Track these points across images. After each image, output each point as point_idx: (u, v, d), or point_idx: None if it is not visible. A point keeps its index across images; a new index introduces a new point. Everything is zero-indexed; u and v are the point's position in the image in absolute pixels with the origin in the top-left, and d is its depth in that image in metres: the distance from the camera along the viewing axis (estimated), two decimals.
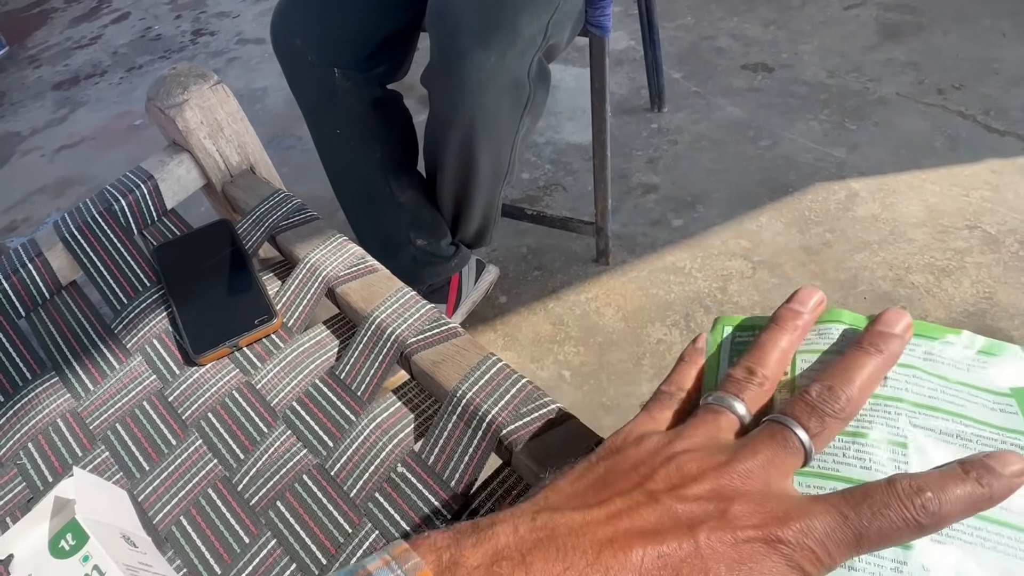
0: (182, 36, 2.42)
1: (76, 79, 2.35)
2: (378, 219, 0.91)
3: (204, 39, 2.35)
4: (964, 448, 0.22)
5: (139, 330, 0.47)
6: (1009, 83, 1.25)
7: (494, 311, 1.06)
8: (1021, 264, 0.94)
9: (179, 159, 0.56)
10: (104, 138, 1.92)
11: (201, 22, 2.50)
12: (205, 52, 2.25)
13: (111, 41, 2.59)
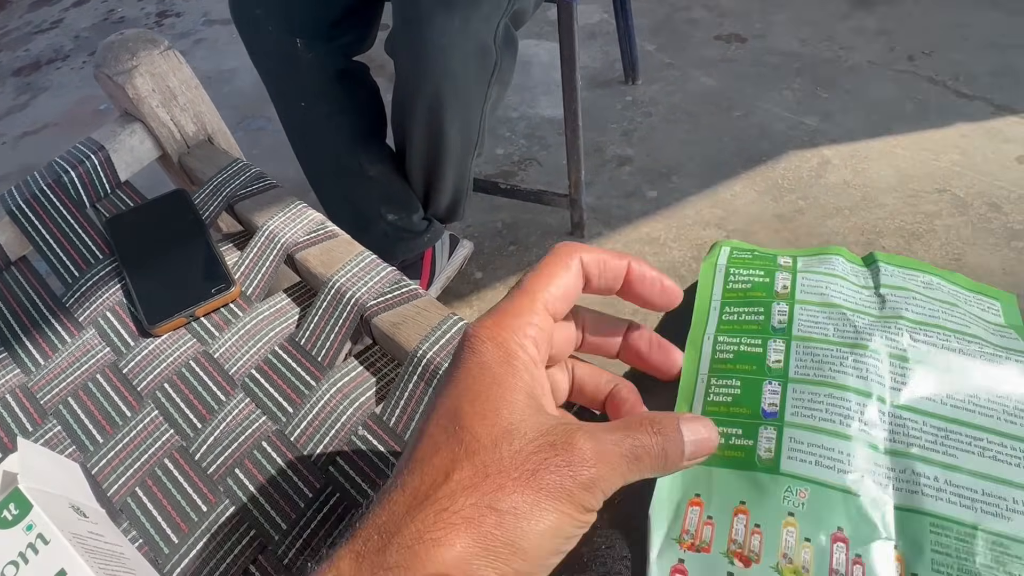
0: (146, 18, 2.35)
1: (37, 64, 2.27)
2: (347, 194, 0.90)
3: (169, 20, 2.29)
4: (966, 357, 0.22)
5: (91, 303, 0.45)
6: (978, 48, 1.26)
7: (469, 287, 1.05)
8: (989, 226, 0.95)
9: (131, 129, 0.54)
10: (68, 124, 1.87)
11: (166, 3, 2.43)
12: (171, 33, 2.19)
13: (72, 25, 2.50)
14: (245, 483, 0.35)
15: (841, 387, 0.22)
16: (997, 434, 0.21)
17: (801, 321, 0.24)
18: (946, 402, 0.22)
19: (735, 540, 0.20)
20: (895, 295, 0.25)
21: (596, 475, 0.19)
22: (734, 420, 0.22)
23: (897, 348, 0.23)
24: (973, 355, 0.22)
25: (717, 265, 0.27)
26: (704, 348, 0.25)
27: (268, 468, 0.36)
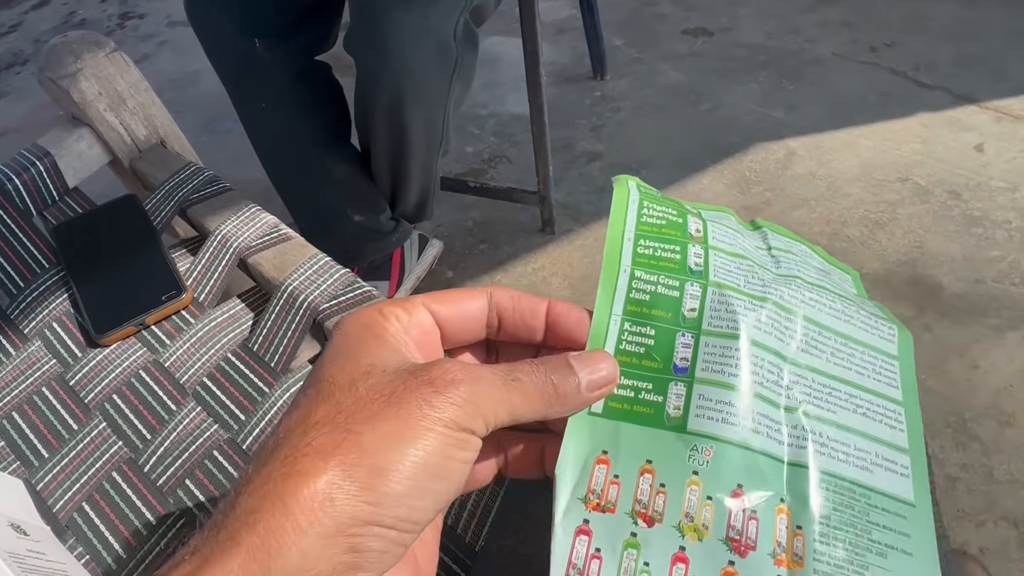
0: (108, 20, 2.30)
1: None
2: (312, 196, 0.88)
3: (132, 22, 2.24)
4: (848, 323, 0.24)
5: (37, 314, 0.44)
6: (937, 39, 1.28)
7: (440, 286, 1.04)
8: (949, 213, 0.97)
9: (79, 134, 0.53)
10: (29, 129, 1.82)
11: (128, 5, 2.37)
12: (134, 36, 2.14)
13: (32, 28, 2.44)
14: (196, 494, 0.35)
15: (751, 343, 0.22)
16: (867, 391, 0.22)
17: (716, 266, 0.24)
18: (832, 359, 0.23)
19: (640, 500, 0.20)
20: (786, 257, 0.26)
21: (465, 392, 0.18)
22: (645, 374, 0.22)
23: (798, 305, 0.23)
24: (853, 317, 0.24)
25: (630, 194, 0.26)
26: (620, 282, 0.24)
27: (220, 478, 0.35)
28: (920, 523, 0.20)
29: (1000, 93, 1.13)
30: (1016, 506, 0.67)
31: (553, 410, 0.20)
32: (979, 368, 0.78)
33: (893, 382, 0.23)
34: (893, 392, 0.23)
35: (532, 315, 0.23)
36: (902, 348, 0.24)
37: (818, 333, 0.23)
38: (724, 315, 0.22)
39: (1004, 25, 1.27)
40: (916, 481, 0.21)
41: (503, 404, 0.19)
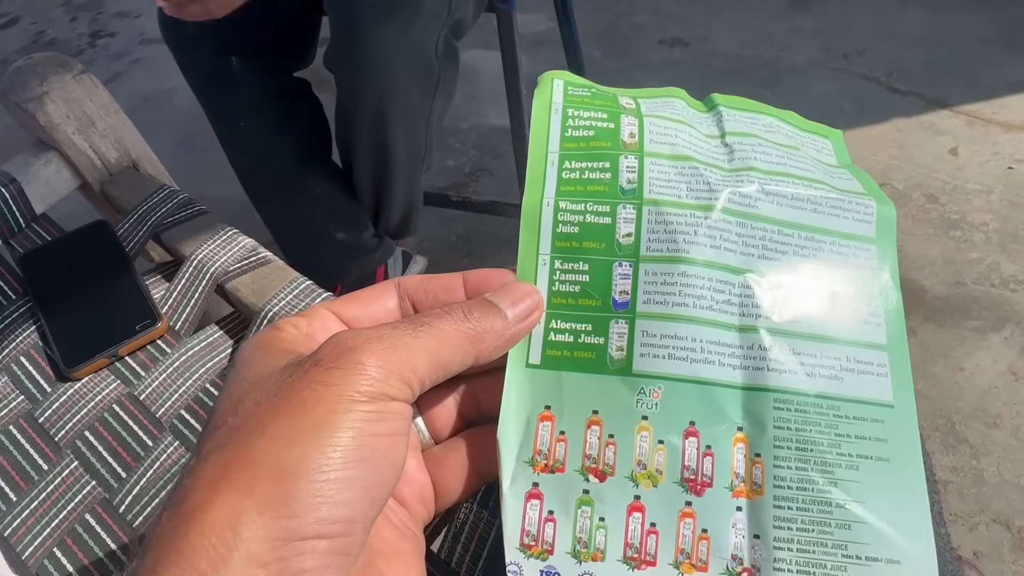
0: (79, 39, 2.26)
1: None
2: (294, 215, 0.87)
3: (104, 41, 2.21)
4: (815, 213, 0.21)
5: (3, 347, 0.42)
6: (908, 45, 1.31)
7: None
8: (927, 216, 0.98)
9: (46, 158, 0.51)
10: None
11: (99, 23, 2.34)
12: (106, 55, 2.11)
13: (0, 48, 2.40)
14: None
15: (693, 262, 0.20)
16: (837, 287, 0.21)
17: (652, 179, 0.21)
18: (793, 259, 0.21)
19: (589, 455, 0.19)
20: (742, 143, 0.23)
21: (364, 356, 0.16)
22: (583, 314, 0.20)
23: (748, 205, 0.21)
24: (820, 205, 0.22)
25: (552, 104, 0.23)
26: (544, 218, 0.21)
27: None
28: (900, 425, 0.19)
29: (971, 98, 1.16)
30: (1007, 508, 0.67)
31: (483, 350, 0.18)
32: (964, 370, 0.79)
33: (870, 270, 0.21)
34: (868, 282, 0.21)
35: (447, 291, 0.21)
36: (881, 227, 0.22)
37: (777, 232, 0.21)
38: (663, 236, 0.21)
39: (971, 31, 1.30)
40: (895, 379, 0.20)
41: (420, 354, 0.17)
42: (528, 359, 0.20)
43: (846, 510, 0.18)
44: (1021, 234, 0.92)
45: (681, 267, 0.20)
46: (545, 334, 0.20)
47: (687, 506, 0.19)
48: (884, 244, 0.21)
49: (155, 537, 0.14)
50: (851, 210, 0.22)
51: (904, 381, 0.20)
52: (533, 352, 0.20)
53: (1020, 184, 0.99)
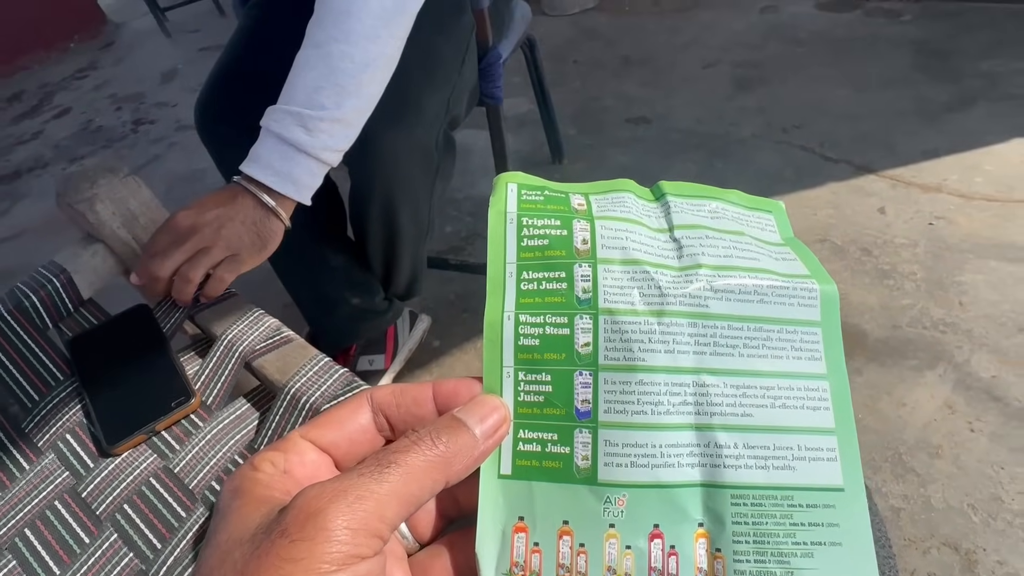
0: (123, 126, 2.30)
1: (18, 173, 2.18)
2: (314, 283, 0.87)
3: (144, 127, 2.25)
4: (762, 303, 0.20)
5: (51, 426, 0.41)
6: (837, 119, 1.35)
7: (429, 355, 1.02)
8: (863, 268, 1.00)
9: (93, 250, 0.51)
10: (45, 229, 1.78)
11: (141, 112, 2.39)
12: (146, 140, 2.15)
13: (53, 135, 2.43)
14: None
15: (651, 369, 0.19)
16: (785, 376, 0.20)
17: (606, 288, 0.20)
18: (744, 352, 0.20)
19: (563, 564, 0.18)
20: (689, 237, 0.22)
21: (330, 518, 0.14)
22: (549, 423, 0.19)
23: (699, 305, 0.20)
24: (765, 293, 0.20)
25: (507, 214, 0.21)
26: (505, 331, 0.20)
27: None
28: (850, 507, 0.18)
29: (892, 163, 1.19)
30: (954, 532, 0.66)
31: (453, 473, 0.17)
32: (906, 405, 0.79)
33: (816, 354, 0.20)
34: (816, 367, 0.20)
35: (418, 405, 0.19)
36: (825, 308, 0.20)
37: (727, 327, 0.20)
38: (619, 345, 0.20)
39: (890, 106, 1.35)
40: (844, 462, 0.19)
41: (388, 499, 0.15)
42: (500, 470, 0.19)
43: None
44: (945, 282, 0.94)
45: (638, 375, 0.19)
46: (514, 444, 0.19)
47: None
48: (829, 325, 0.20)
49: None
50: (796, 296, 0.21)
51: (853, 462, 0.19)
52: (504, 463, 0.19)
53: (940, 238, 1.01)
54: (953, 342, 0.85)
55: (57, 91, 2.95)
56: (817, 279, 0.21)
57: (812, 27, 1.76)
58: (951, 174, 1.13)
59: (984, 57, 1.44)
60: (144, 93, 2.58)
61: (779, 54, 1.66)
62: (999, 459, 0.71)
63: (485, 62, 0.82)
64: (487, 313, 0.20)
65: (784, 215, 0.25)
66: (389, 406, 0.19)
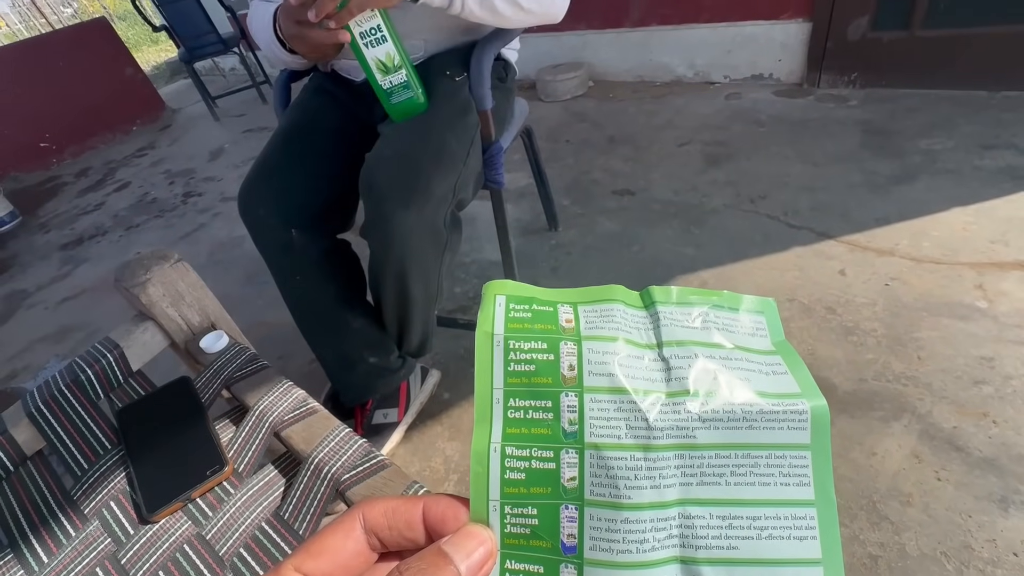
0: (174, 198, 2.37)
1: (80, 240, 2.23)
2: (335, 343, 0.87)
3: (193, 199, 2.31)
4: (750, 430, 0.18)
5: (97, 494, 0.41)
6: (797, 191, 1.39)
7: (439, 407, 1.01)
8: (829, 325, 0.99)
9: (144, 327, 0.52)
10: (102, 289, 1.80)
11: (191, 186, 2.46)
12: (194, 210, 2.20)
13: (113, 206, 2.50)
14: None
15: (637, 507, 0.18)
16: (772, 504, 0.18)
17: (592, 420, 0.18)
18: (730, 480, 0.18)
19: None
20: (678, 356, 0.20)
21: None
22: (535, 555, 0.18)
23: (686, 436, 0.18)
24: (755, 420, 0.18)
25: (494, 336, 0.19)
26: (492, 464, 0.19)
27: None
28: None
29: (848, 230, 1.21)
30: None
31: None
32: (876, 455, 0.77)
33: (804, 479, 0.18)
34: (804, 493, 0.18)
35: (409, 527, 0.18)
36: (815, 430, 0.18)
37: (714, 457, 0.18)
38: (605, 481, 0.18)
39: (843, 179, 1.39)
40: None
41: None
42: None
43: None
44: (904, 338, 0.94)
45: (624, 514, 0.18)
46: (501, 574, 0.18)
47: None
48: (818, 447, 0.18)
49: None
50: (786, 420, 0.18)
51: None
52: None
53: (896, 298, 1.02)
54: (915, 394, 0.84)
55: (119, 167, 3.06)
56: (807, 397, 0.19)
57: (771, 111, 1.83)
58: (902, 239, 1.14)
59: (922, 136, 1.48)
60: (194, 169, 2.67)
61: (743, 134, 1.72)
62: (966, 507, 0.68)
63: (489, 153, 0.85)
64: (474, 443, 0.19)
65: (775, 313, 0.22)
66: (381, 528, 0.18)
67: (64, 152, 3.47)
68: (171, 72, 5.54)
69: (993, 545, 0.65)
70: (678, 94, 2.14)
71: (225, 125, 3.28)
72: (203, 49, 3.07)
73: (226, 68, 4.68)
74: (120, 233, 2.19)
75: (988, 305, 0.95)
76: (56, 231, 2.41)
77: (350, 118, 0.89)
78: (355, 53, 0.70)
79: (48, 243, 2.30)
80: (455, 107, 0.78)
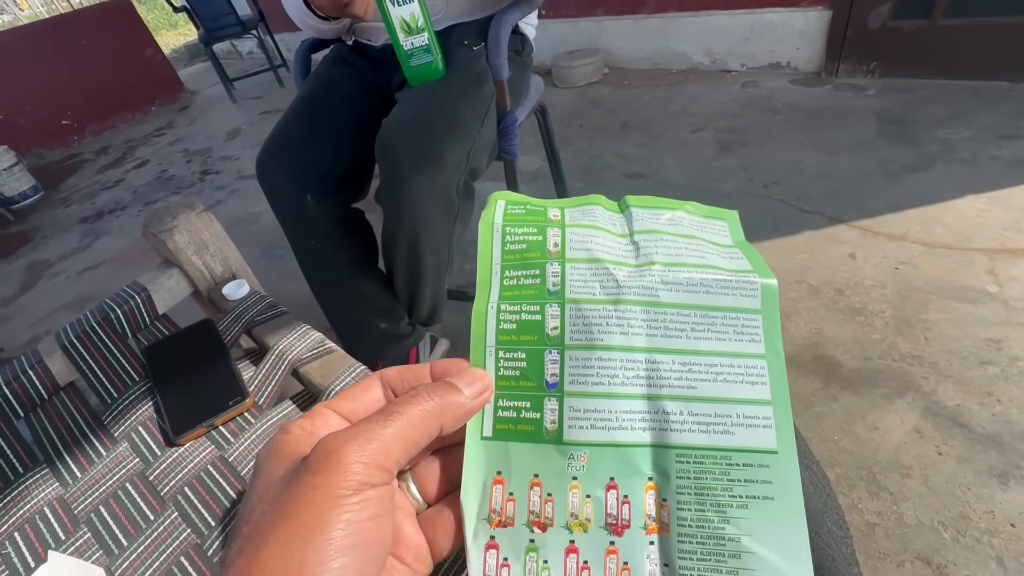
0: (192, 176, 2.41)
1: (100, 214, 2.28)
2: (347, 309, 0.89)
3: (210, 177, 2.35)
4: (708, 294, 0.21)
5: (126, 420, 0.43)
6: (810, 178, 1.38)
7: None
8: (837, 306, 1.00)
9: (170, 273, 0.55)
10: (122, 260, 1.84)
11: (208, 164, 2.50)
12: (211, 187, 2.24)
13: (132, 183, 2.54)
14: None
15: (608, 347, 0.20)
16: (727, 355, 0.20)
17: (572, 282, 0.21)
18: (691, 335, 0.20)
19: (533, 511, 0.19)
20: (646, 240, 0.23)
21: (344, 455, 0.16)
22: (523, 394, 0.20)
23: (651, 295, 0.21)
24: (712, 287, 0.21)
25: (494, 224, 0.23)
26: (489, 318, 0.21)
27: None
28: (783, 468, 0.19)
29: (860, 215, 1.21)
30: (925, 547, 0.64)
31: (445, 422, 0.18)
32: (879, 429, 0.77)
33: (755, 337, 0.20)
34: (755, 348, 0.20)
35: (419, 380, 0.21)
36: (765, 298, 0.21)
37: (676, 314, 0.21)
38: (582, 328, 0.21)
39: (856, 167, 1.38)
40: (779, 428, 0.19)
41: (393, 441, 0.17)
42: (482, 432, 0.20)
43: (737, 543, 0.18)
44: (912, 319, 0.94)
45: (597, 353, 0.20)
46: (495, 411, 0.21)
47: (611, 545, 0.19)
48: (768, 313, 0.21)
49: None
50: (739, 288, 0.21)
51: (786, 430, 0.19)
52: (486, 427, 0.20)
53: (906, 281, 1.02)
54: (920, 373, 0.84)
55: (138, 146, 3.11)
56: (759, 274, 0.22)
57: (787, 99, 1.81)
58: (914, 225, 1.14)
59: (940, 126, 1.47)
60: (211, 148, 2.70)
61: (758, 122, 1.71)
62: (966, 480, 0.69)
63: (503, 124, 0.86)
64: (475, 305, 0.22)
65: (737, 223, 0.25)
66: (396, 382, 0.21)
67: (85, 130, 3.53)
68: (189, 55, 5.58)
69: (991, 516, 0.65)
70: (694, 82, 2.12)
71: (242, 107, 3.31)
72: (222, 30, 3.09)
73: (244, 51, 4.71)
74: (139, 208, 2.23)
75: (999, 290, 0.95)
76: (77, 205, 2.46)
77: (368, 88, 0.90)
78: (380, 9, 0.71)
79: (69, 216, 2.35)
80: (471, 76, 0.79)
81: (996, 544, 0.63)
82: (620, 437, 0.20)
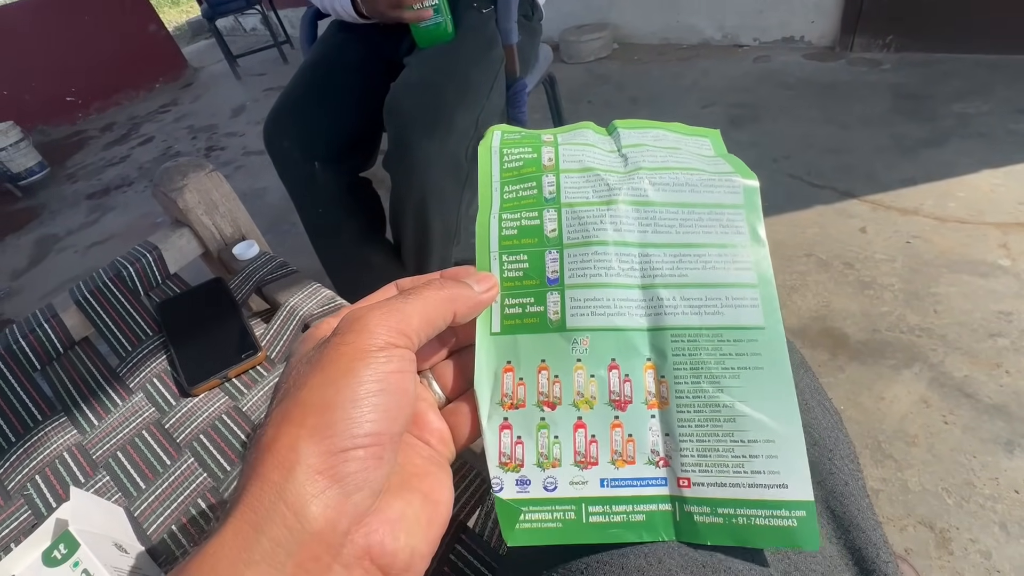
0: (197, 152, 2.40)
1: (107, 190, 2.28)
2: (356, 279, 0.90)
3: (216, 153, 2.34)
4: (693, 192, 0.22)
5: (141, 372, 0.44)
6: (822, 152, 1.36)
7: None
8: (846, 279, 0.99)
9: (180, 232, 0.55)
10: (129, 235, 1.85)
11: (213, 140, 2.49)
12: (216, 163, 2.23)
13: (138, 159, 2.54)
14: None
15: (602, 243, 0.21)
16: (715, 247, 0.21)
17: (567, 188, 0.23)
18: (679, 230, 0.22)
19: (542, 392, 0.21)
20: (633, 152, 0.24)
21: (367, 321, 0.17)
22: (527, 291, 0.22)
23: (640, 195, 0.22)
24: (697, 186, 0.22)
25: (492, 148, 0.24)
26: (492, 226, 0.23)
27: None
28: (770, 341, 0.20)
29: (872, 190, 1.19)
30: (929, 512, 0.65)
31: (459, 308, 0.20)
32: (885, 399, 0.77)
33: (740, 229, 0.22)
34: (740, 239, 0.21)
35: None
36: (747, 196, 0.22)
37: (663, 211, 0.22)
38: (578, 228, 0.22)
39: (869, 142, 1.36)
40: (765, 307, 0.20)
41: (412, 313, 0.18)
42: (491, 328, 0.21)
43: (731, 408, 0.19)
44: (921, 292, 0.93)
45: (593, 248, 0.21)
46: (501, 309, 0.22)
47: (616, 419, 0.20)
48: (750, 208, 0.22)
49: (244, 468, 0.16)
50: (721, 186, 0.22)
51: (772, 309, 0.20)
52: (494, 323, 0.21)
53: (917, 255, 1.01)
54: (928, 345, 0.84)
55: (143, 123, 3.09)
56: (742, 175, 0.23)
57: (800, 74, 1.77)
58: (927, 200, 1.12)
59: (956, 100, 1.44)
60: (216, 125, 2.69)
61: (770, 97, 1.68)
62: (971, 449, 0.69)
63: (513, 90, 0.85)
64: (478, 217, 0.23)
65: (720, 141, 0.26)
66: (406, 286, 0.22)
67: (90, 107, 3.51)
68: (192, 32, 5.51)
69: (995, 483, 0.66)
70: (705, 57, 2.08)
71: (246, 84, 3.28)
72: (226, 5, 3.05)
73: (248, 27, 4.64)
74: (145, 184, 2.23)
75: (1011, 263, 0.94)
76: (83, 181, 2.46)
77: (375, 54, 0.89)
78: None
79: (76, 192, 2.35)
80: (481, 41, 0.78)
81: (999, 509, 0.63)
82: (619, 322, 0.21)
